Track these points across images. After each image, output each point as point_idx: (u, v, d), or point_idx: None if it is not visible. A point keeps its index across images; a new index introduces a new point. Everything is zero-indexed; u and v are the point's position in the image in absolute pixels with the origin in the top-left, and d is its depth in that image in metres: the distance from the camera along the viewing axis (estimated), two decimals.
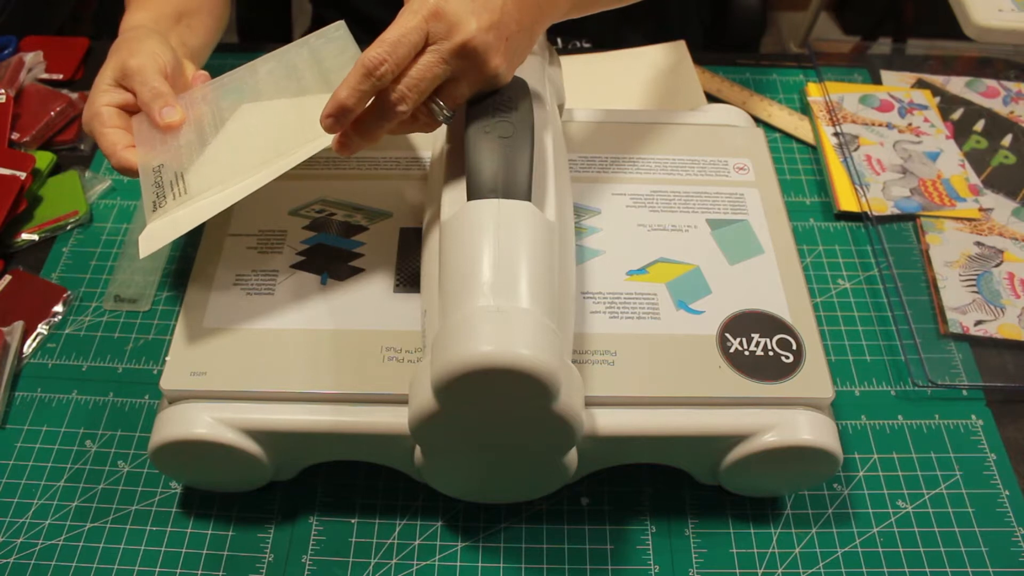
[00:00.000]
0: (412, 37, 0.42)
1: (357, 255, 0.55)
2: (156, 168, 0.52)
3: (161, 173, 0.52)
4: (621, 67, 0.80)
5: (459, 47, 0.42)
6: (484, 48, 0.43)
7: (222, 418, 0.48)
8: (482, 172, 0.43)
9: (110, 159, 0.53)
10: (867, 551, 0.53)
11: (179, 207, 0.50)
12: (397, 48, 0.42)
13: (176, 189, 0.50)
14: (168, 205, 0.50)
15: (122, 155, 0.52)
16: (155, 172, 0.52)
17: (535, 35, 0.47)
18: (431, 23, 0.42)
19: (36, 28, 0.85)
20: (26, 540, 0.52)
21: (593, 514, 0.54)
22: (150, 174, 0.52)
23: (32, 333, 0.62)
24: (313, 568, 0.52)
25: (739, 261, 0.55)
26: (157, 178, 0.52)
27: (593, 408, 0.48)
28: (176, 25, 0.62)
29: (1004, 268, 0.66)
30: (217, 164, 0.51)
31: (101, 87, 0.55)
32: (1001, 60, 0.83)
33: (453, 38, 0.42)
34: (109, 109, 0.54)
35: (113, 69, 0.55)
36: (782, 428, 0.48)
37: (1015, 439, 0.58)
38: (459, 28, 0.42)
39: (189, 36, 0.63)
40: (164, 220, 0.50)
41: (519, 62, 0.47)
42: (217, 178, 0.50)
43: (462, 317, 0.39)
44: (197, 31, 0.64)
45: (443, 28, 0.42)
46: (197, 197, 0.50)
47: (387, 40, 0.42)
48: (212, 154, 0.52)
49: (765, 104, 0.78)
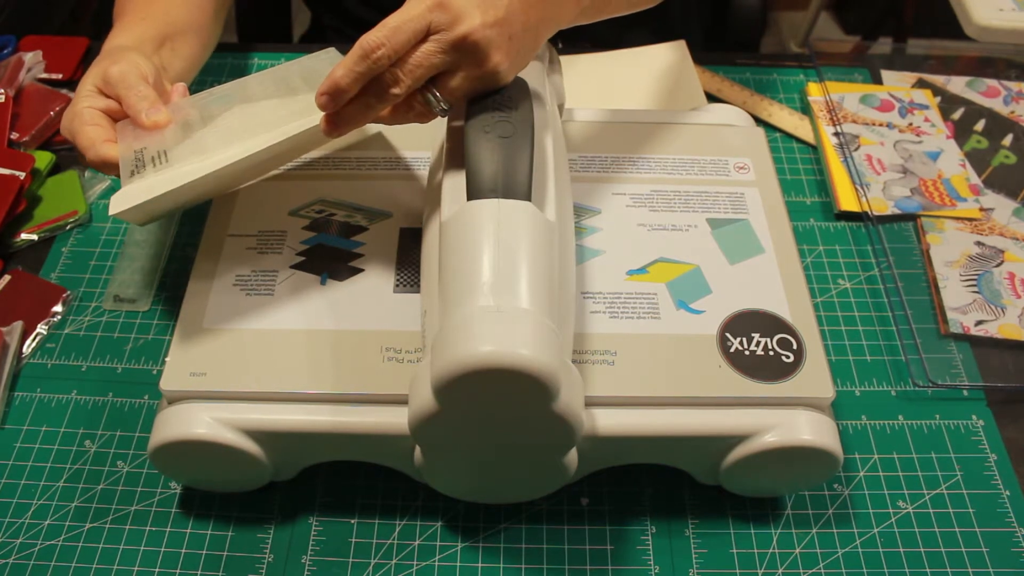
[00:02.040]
0: (414, 25, 0.42)
1: (357, 255, 0.54)
2: (138, 150, 0.51)
3: (143, 153, 0.51)
4: (621, 67, 0.80)
5: (459, 39, 0.42)
6: (485, 43, 0.43)
7: (222, 418, 0.47)
8: (482, 172, 0.43)
9: (87, 153, 0.52)
10: (867, 551, 0.52)
11: (157, 174, 0.49)
12: (397, 34, 0.42)
13: (157, 162, 0.50)
14: (146, 172, 0.49)
15: (101, 148, 0.51)
16: (136, 153, 0.51)
17: (541, 37, 0.47)
18: (435, 12, 0.42)
19: (36, 28, 0.85)
20: (25, 540, 0.52)
21: (593, 514, 0.54)
22: (131, 155, 0.51)
23: (31, 333, 0.62)
24: (313, 568, 0.51)
25: (739, 261, 0.54)
26: (138, 156, 0.51)
27: (593, 408, 0.48)
28: (159, 49, 0.61)
29: (1005, 268, 0.66)
30: (202, 142, 0.51)
31: (83, 93, 0.54)
32: (1002, 60, 0.83)
33: (455, 29, 0.42)
34: (91, 111, 0.53)
35: (95, 76, 0.55)
36: (782, 428, 0.48)
37: (1016, 439, 0.58)
38: (462, 20, 0.42)
39: (172, 60, 0.62)
40: (139, 183, 0.49)
41: (523, 63, 0.47)
42: (200, 149, 0.50)
43: (462, 317, 0.39)
44: (181, 54, 0.63)
45: (446, 19, 0.42)
46: (177, 165, 0.49)
47: (388, 25, 0.42)
48: (199, 136, 0.51)
49: (765, 104, 0.78)
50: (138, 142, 0.52)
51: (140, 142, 0.52)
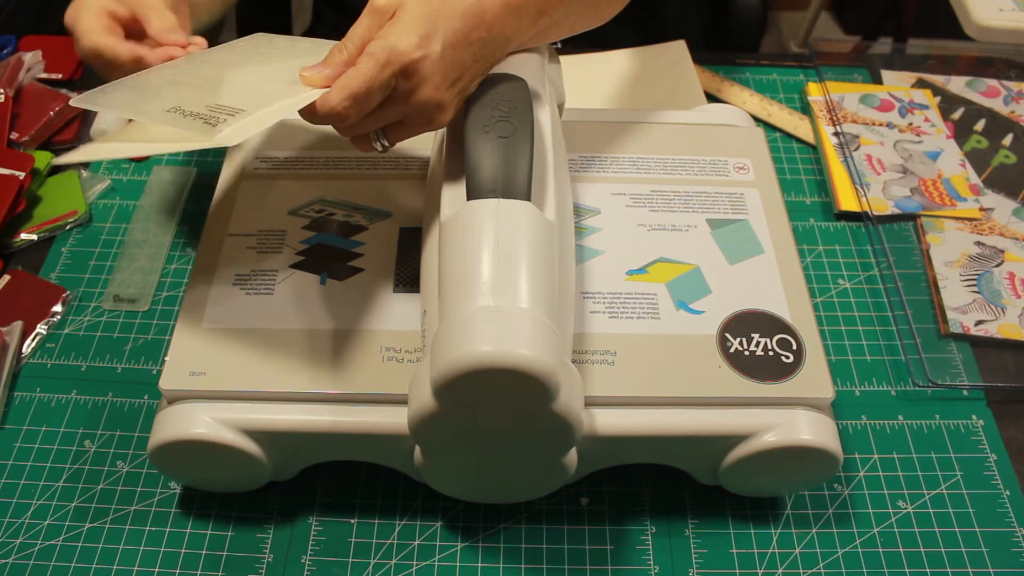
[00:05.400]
0: (381, 94, 0.43)
1: (357, 255, 0.54)
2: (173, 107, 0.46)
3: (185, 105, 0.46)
4: (621, 67, 0.80)
5: (420, 102, 0.44)
6: (442, 104, 0.45)
7: (221, 418, 0.47)
8: (482, 172, 0.43)
9: (82, 39, 0.51)
10: (867, 551, 0.52)
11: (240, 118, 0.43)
12: (364, 104, 0.43)
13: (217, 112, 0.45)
14: (227, 118, 0.43)
15: (97, 36, 0.50)
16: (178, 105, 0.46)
17: (476, 85, 0.48)
18: (399, 80, 0.43)
19: (35, 27, 0.85)
20: (25, 540, 0.52)
21: (593, 514, 0.54)
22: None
23: (31, 333, 0.61)
24: (313, 568, 0.51)
25: (739, 261, 0.54)
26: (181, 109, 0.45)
27: (593, 408, 0.48)
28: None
29: (1005, 268, 0.66)
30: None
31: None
32: (1002, 60, 0.83)
33: (417, 94, 0.44)
34: (100, 4, 0.52)
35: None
36: (782, 428, 0.48)
37: (1016, 439, 0.58)
38: (424, 85, 0.44)
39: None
40: (243, 122, 0.43)
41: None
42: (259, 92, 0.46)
43: (462, 317, 0.39)
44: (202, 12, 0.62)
45: (409, 85, 0.44)
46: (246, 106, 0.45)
47: (355, 94, 0.42)
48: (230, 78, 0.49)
49: (765, 104, 0.78)
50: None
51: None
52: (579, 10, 0.52)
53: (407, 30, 0.42)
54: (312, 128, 0.62)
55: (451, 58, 0.44)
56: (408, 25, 0.43)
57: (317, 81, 0.43)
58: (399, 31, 0.42)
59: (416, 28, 0.43)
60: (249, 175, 0.59)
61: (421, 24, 0.43)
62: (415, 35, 0.42)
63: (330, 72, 0.43)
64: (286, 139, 0.61)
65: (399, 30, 0.43)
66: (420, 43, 0.42)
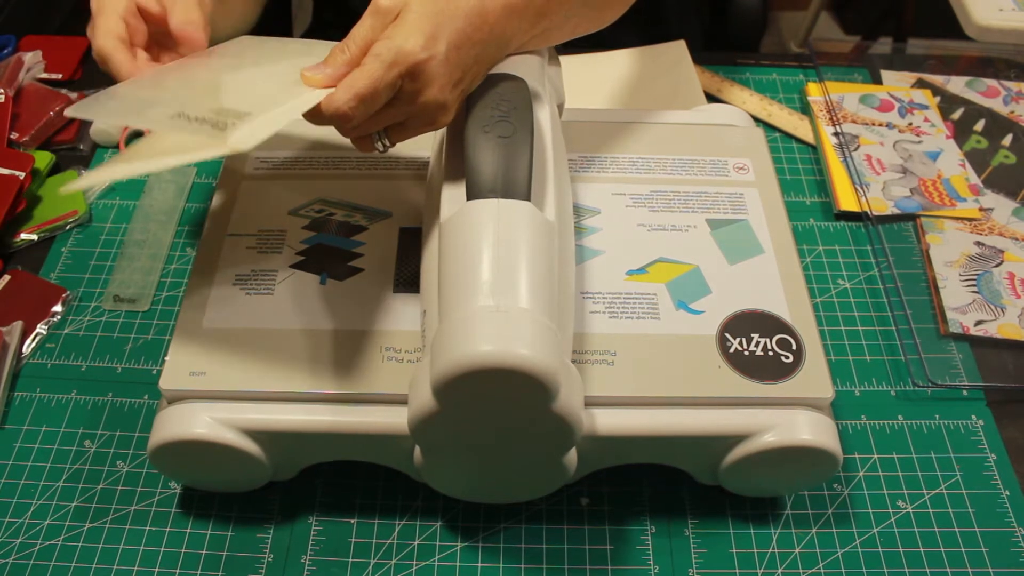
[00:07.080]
0: (386, 95, 0.43)
1: (357, 255, 0.54)
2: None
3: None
4: (621, 67, 0.80)
5: (424, 103, 0.44)
6: (445, 105, 0.45)
7: (221, 418, 0.47)
8: (481, 172, 0.43)
9: (95, 38, 0.50)
10: (867, 551, 0.52)
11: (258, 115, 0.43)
12: (370, 105, 0.43)
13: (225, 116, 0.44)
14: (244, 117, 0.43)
15: (108, 43, 0.49)
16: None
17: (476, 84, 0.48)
18: (406, 80, 0.43)
19: (36, 27, 0.85)
20: (25, 540, 0.52)
21: (593, 514, 0.54)
22: None
23: (31, 333, 0.62)
24: (312, 568, 0.51)
25: (739, 261, 0.54)
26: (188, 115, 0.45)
27: (593, 408, 0.48)
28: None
29: (1004, 268, 0.66)
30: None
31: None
32: (1001, 60, 0.83)
33: (422, 96, 0.44)
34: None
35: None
36: (782, 428, 0.48)
37: (1015, 439, 0.58)
38: (430, 86, 0.44)
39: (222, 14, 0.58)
40: (259, 120, 0.42)
41: None
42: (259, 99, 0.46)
43: (462, 317, 0.39)
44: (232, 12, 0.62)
45: (415, 87, 0.44)
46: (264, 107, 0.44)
47: (361, 94, 0.42)
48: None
49: (765, 104, 0.78)
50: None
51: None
52: (580, 13, 0.52)
53: (413, 31, 0.42)
54: (312, 128, 0.62)
55: (455, 59, 0.44)
56: (414, 26, 0.43)
57: (319, 81, 0.43)
58: (405, 32, 0.42)
59: (422, 29, 0.42)
60: (249, 175, 0.59)
61: (427, 25, 0.43)
62: (421, 36, 0.42)
63: (332, 72, 0.43)
64: (286, 139, 0.62)
65: (405, 31, 0.42)
66: (426, 44, 0.42)
